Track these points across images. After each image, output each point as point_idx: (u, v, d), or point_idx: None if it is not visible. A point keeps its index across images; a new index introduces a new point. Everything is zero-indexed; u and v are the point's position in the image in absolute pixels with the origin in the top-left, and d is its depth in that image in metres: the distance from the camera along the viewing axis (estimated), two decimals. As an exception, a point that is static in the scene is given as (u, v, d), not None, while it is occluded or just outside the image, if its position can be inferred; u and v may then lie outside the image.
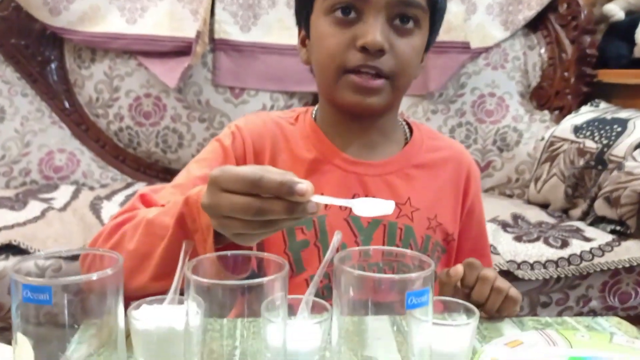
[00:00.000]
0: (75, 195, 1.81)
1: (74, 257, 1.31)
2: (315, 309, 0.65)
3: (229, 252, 0.59)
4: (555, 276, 1.44)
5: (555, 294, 1.48)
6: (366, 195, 0.91)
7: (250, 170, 0.59)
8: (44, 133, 2.06)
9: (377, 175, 0.93)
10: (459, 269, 0.81)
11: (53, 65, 2.10)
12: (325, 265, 0.64)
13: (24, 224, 1.50)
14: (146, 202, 0.86)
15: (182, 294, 0.65)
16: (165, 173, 2.12)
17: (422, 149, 0.97)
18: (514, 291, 0.82)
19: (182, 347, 0.59)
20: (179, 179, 0.91)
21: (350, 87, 0.87)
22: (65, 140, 2.08)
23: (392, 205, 0.60)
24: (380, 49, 0.83)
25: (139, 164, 2.14)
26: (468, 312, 0.65)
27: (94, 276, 0.51)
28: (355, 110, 0.90)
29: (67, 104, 2.10)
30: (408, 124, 1.01)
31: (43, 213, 1.58)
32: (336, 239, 0.66)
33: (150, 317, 0.61)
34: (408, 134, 0.99)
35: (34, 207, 1.63)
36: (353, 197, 0.90)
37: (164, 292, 0.77)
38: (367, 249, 0.61)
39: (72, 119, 2.09)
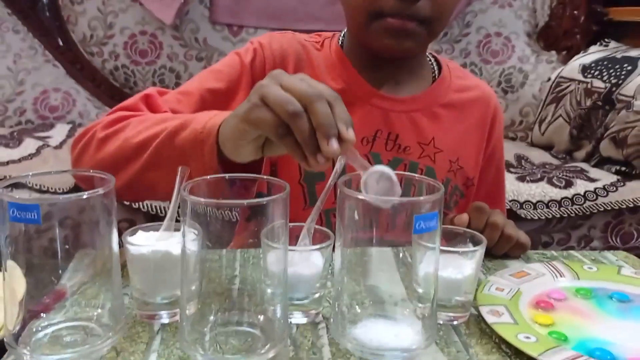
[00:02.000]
0: (71, 133, 1.78)
1: (70, 192, 1.29)
2: (318, 236, 0.62)
3: (227, 175, 0.56)
4: (558, 216, 1.43)
5: (557, 234, 1.47)
6: (389, 133, 0.87)
7: None
8: (37, 71, 2.01)
9: (403, 111, 0.88)
10: (463, 217, 0.78)
11: (45, 0, 2.03)
12: (328, 191, 0.61)
13: (19, 160, 1.48)
14: (150, 104, 0.82)
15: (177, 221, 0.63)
16: (163, 114, 2.08)
17: (450, 87, 0.92)
18: (523, 238, 0.79)
19: (179, 273, 0.57)
20: (189, 85, 0.86)
21: (384, 31, 0.79)
22: (60, 79, 2.04)
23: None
24: None
25: (135, 105, 2.10)
26: (474, 241, 0.63)
27: (85, 195, 0.48)
28: (388, 54, 0.84)
29: (60, 42, 2.04)
30: (436, 59, 0.95)
31: (38, 150, 1.56)
32: (339, 164, 0.63)
33: (146, 242, 0.59)
34: (436, 71, 0.93)
35: (29, 145, 1.60)
36: (375, 134, 0.87)
37: (152, 187, 0.74)
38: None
39: (66, 57, 2.03)
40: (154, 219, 1.26)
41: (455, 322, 0.61)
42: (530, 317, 0.60)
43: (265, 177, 0.54)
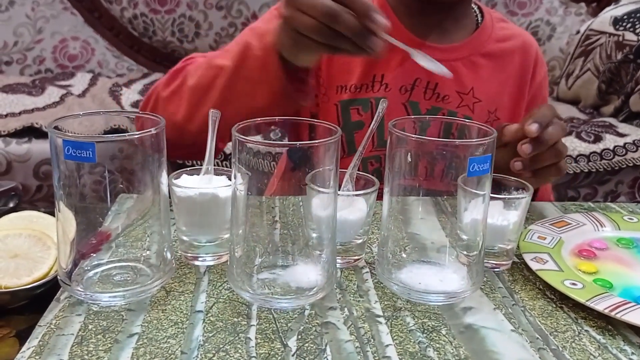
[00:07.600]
0: (93, 82, 1.77)
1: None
2: (361, 183, 0.62)
3: (276, 118, 0.55)
4: (586, 170, 1.42)
5: (584, 188, 1.46)
6: (428, 82, 0.87)
7: None
8: (56, 19, 1.99)
9: (444, 60, 0.86)
10: (513, 126, 0.72)
11: (61, -54, 1.99)
12: (371, 135, 0.61)
13: (44, 108, 1.48)
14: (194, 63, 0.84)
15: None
16: (183, 64, 2.06)
17: (491, 37, 0.91)
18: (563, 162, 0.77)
19: (223, 216, 0.58)
20: (231, 44, 0.86)
21: None
22: (79, 28, 2.01)
23: (449, 74, 0.58)
24: None
25: (154, 55, 2.07)
26: (518, 190, 0.63)
27: (136, 134, 0.48)
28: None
29: (78, -11, 2.01)
30: (480, 7, 0.94)
31: (62, 98, 1.55)
32: (381, 107, 0.62)
33: (192, 185, 0.59)
34: (479, 19, 0.92)
35: (53, 93, 1.60)
36: (414, 82, 0.87)
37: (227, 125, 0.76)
38: (423, 117, 0.58)
39: (84, 5, 2.00)
40: (180, 167, 1.25)
41: (498, 269, 0.61)
42: (574, 265, 0.60)
43: (316, 121, 0.54)
